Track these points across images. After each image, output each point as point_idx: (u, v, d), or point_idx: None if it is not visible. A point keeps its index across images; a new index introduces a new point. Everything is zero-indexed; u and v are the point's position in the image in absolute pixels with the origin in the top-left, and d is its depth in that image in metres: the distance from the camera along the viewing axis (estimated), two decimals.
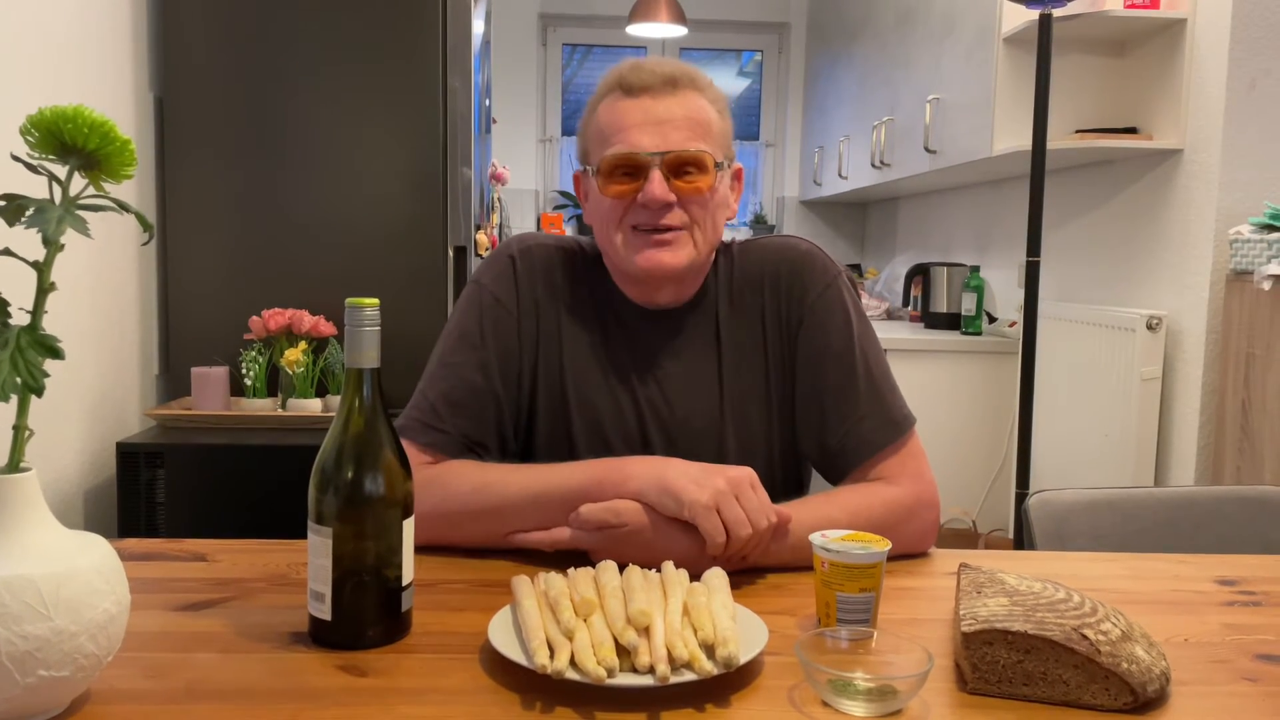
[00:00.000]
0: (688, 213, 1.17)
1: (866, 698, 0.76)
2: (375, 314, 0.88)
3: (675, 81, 1.17)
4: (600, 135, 1.19)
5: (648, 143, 1.15)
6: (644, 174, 1.15)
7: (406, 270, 2.37)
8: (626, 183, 1.16)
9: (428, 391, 1.21)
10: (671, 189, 1.15)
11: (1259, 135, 2.44)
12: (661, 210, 1.15)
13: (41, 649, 0.68)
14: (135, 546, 1.13)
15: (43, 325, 0.73)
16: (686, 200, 1.16)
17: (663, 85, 1.16)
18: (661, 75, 1.17)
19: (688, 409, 1.23)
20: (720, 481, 1.00)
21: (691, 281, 1.24)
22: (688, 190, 1.16)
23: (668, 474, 1.03)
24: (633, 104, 1.17)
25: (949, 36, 3.40)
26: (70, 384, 1.99)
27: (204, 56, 2.31)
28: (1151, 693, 0.78)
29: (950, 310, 3.82)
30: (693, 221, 1.17)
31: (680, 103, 1.16)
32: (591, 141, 1.21)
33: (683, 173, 1.16)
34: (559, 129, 5.64)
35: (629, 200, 1.16)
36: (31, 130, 0.73)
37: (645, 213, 1.16)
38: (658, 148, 1.15)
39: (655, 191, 1.14)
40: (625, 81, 1.17)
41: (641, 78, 1.17)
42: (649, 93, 1.16)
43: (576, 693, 0.78)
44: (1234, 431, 2.36)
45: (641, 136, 1.15)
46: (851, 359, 1.21)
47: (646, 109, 1.16)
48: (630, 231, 1.18)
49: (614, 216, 1.18)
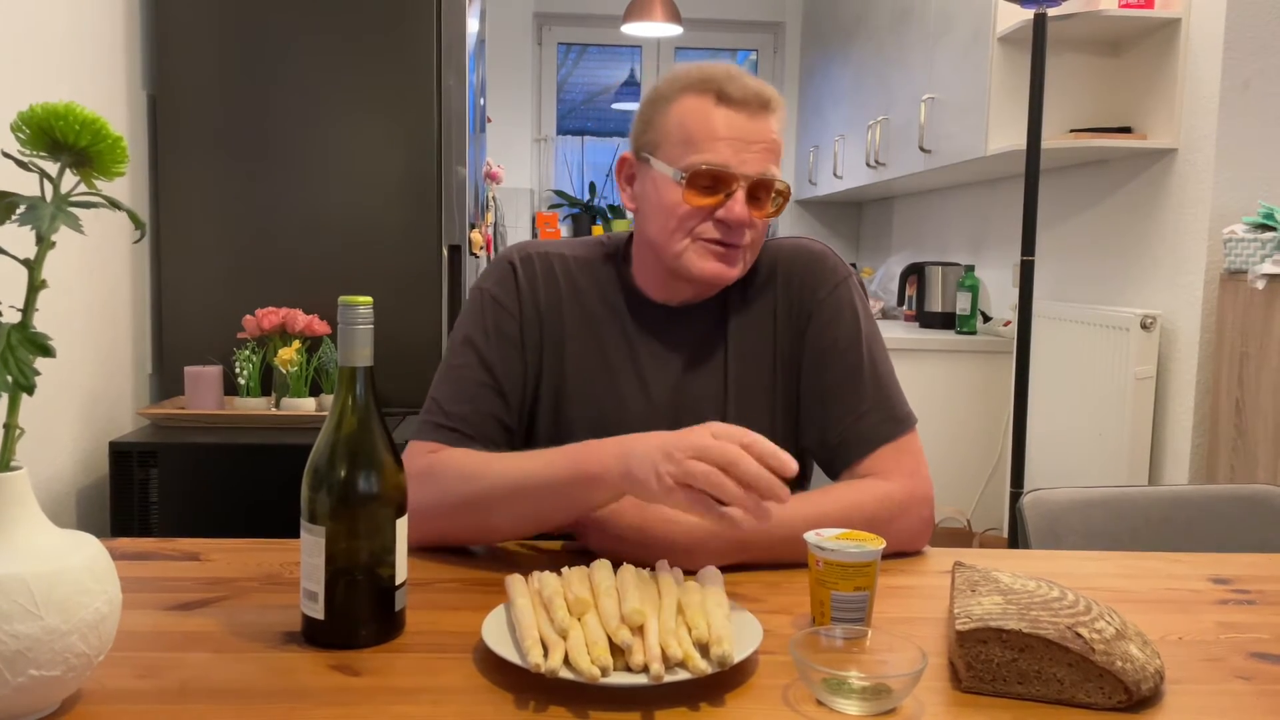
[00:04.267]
0: (754, 232, 1.20)
1: (861, 696, 0.76)
2: (369, 312, 0.88)
3: (768, 104, 1.18)
4: (686, 136, 1.17)
5: (739, 163, 1.15)
6: (726, 189, 1.16)
7: (400, 269, 2.37)
8: (708, 195, 1.17)
9: (436, 396, 1.22)
10: (749, 209, 1.17)
11: (1253, 135, 2.44)
12: (739, 230, 1.17)
13: (32, 648, 0.68)
14: (128, 546, 1.12)
15: (34, 323, 0.72)
16: (756, 223, 1.19)
17: (758, 104, 1.17)
18: (757, 93, 1.17)
19: (692, 401, 1.24)
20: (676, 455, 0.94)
21: None
22: (760, 213, 1.18)
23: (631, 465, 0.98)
24: (728, 116, 1.16)
25: (944, 36, 3.41)
26: (63, 383, 1.98)
27: (197, 55, 2.31)
28: (1146, 691, 0.78)
29: (945, 309, 3.82)
30: (753, 241, 1.21)
31: (769, 126, 1.18)
32: (669, 138, 1.19)
33: (761, 199, 1.18)
34: (554, 128, 5.63)
35: (706, 211, 1.17)
36: (22, 127, 0.72)
37: (722, 228, 1.17)
38: (747, 170, 1.16)
39: (738, 212, 1.16)
40: (722, 90, 1.16)
41: (740, 91, 1.16)
42: (746, 109, 1.16)
43: (570, 692, 0.77)
44: (1228, 430, 2.36)
45: (733, 153, 1.15)
46: (858, 356, 1.23)
47: (740, 126, 1.16)
48: (697, 240, 1.19)
49: (685, 223, 1.19)
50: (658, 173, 1.20)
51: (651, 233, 1.22)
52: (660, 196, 1.19)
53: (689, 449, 0.95)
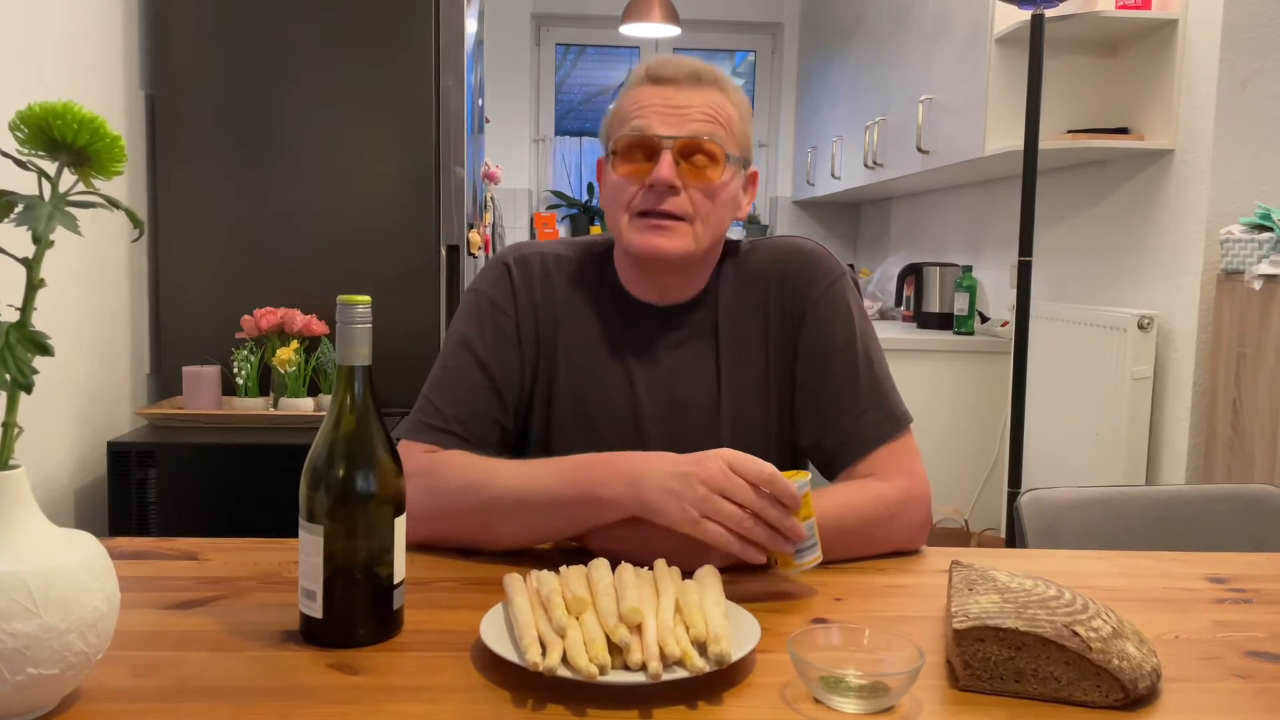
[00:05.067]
0: (692, 201, 1.17)
1: (858, 694, 0.76)
2: (367, 311, 0.88)
3: (699, 77, 1.19)
4: (620, 117, 1.21)
5: (663, 126, 1.16)
6: (656, 156, 1.16)
7: (399, 269, 2.37)
8: (638, 164, 1.17)
9: (429, 395, 1.22)
10: (680, 174, 1.16)
11: (1250, 135, 2.45)
12: (666, 192, 1.16)
13: (30, 647, 0.68)
14: (126, 545, 1.12)
15: (32, 322, 0.72)
16: (692, 187, 1.17)
17: (687, 78, 1.19)
18: (688, 69, 1.19)
19: (684, 401, 1.23)
20: (699, 489, 0.98)
21: (695, 278, 1.25)
22: (695, 178, 1.17)
23: (646, 493, 1.01)
24: (655, 90, 1.19)
25: (941, 37, 3.41)
26: (61, 383, 1.98)
27: (196, 54, 2.31)
28: (1142, 689, 0.78)
29: (943, 310, 3.83)
30: (696, 212, 1.18)
31: (702, 95, 1.18)
32: (612, 125, 1.23)
33: (693, 160, 1.17)
34: (552, 129, 5.63)
35: (638, 182, 1.17)
36: (21, 126, 0.72)
37: (652, 195, 1.16)
38: (672, 131, 1.16)
39: (663, 173, 1.15)
40: (652, 71, 1.20)
41: (668, 70, 1.19)
42: (673, 84, 1.19)
43: (568, 690, 0.77)
44: (1225, 430, 2.37)
45: (658, 119, 1.17)
46: (853, 355, 1.22)
47: (668, 96, 1.18)
48: (635, 216, 1.19)
49: (623, 199, 1.19)
50: (606, 160, 1.23)
51: (609, 223, 1.24)
52: (606, 180, 1.23)
53: (710, 484, 0.97)
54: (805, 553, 0.99)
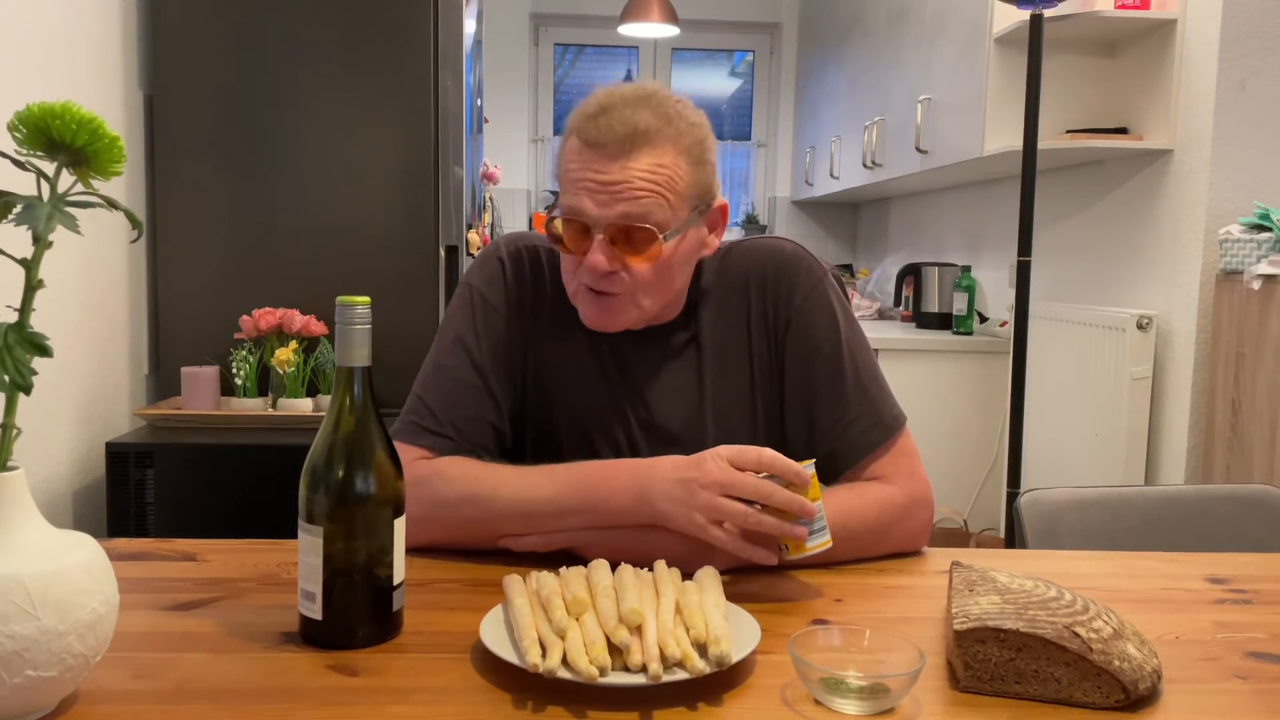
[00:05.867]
0: (632, 278, 1.12)
1: (859, 696, 0.76)
2: (366, 312, 0.88)
3: (634, 140, 1.08)
4: (562, 177, 1.15)
5: (593, 206, 1.10)
6: (588, 236, 1.11)
7: (398, 269, 2.37)
8: (576, 240, 1.13)
9: (422, 395, 1.20)
10: (617, 254, 1.11)
11: (1248, 135, 2.45)
12: (602, 278, 1.12)
13: (29, 649, 0.68)
14: (124, 546, 1.12)
15: (31, 323, 0.72)
16: (631, 267, 1.12)
17: (619, 145, 1.08)
18: (621, 132, 1.08)
19: (669, 411, 1.22)
20: (702, 495, 0.98)
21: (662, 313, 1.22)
22: (633, 256, 1.11)
23: (655, 504, 1.02)
24: (588, 157, 1.10)
25: (940, 37, 3.41)
26: (59, 384, 1.98)
27: (194, 55, 2.31)
28: (1143, 690, 0.78)
29: (942, 310, 3.83)
30: (637, 286, 1.13)
31: (637, 164, 1.08)
32: (559, 176, 1.17)
33: (630, 239, 1.10)
34: (551, 129, 5.63)
35: (580, 259, 1.14)
36: (19, 126, 0.72)
37: (588, 275, 1.13)
38: (602, 213, 1.09)
39: (594, 259, 1.10)
40: (584, 131, 1.11)
41: (600, 133, 1.09)
42: (604, 151, 1.09)
43: (568, 692, 0.77)
44: (1223, 430, 2.37)
45: (588, 199, 1.10)
46: (840, 361, 1.21)
47: (599, 169, 1.09)
48: (581, 287, 1.15)
49: (569, 268, 1.17)
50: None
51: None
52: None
53: (713, 485, 0.97)
54: (816, 535, 0.99)
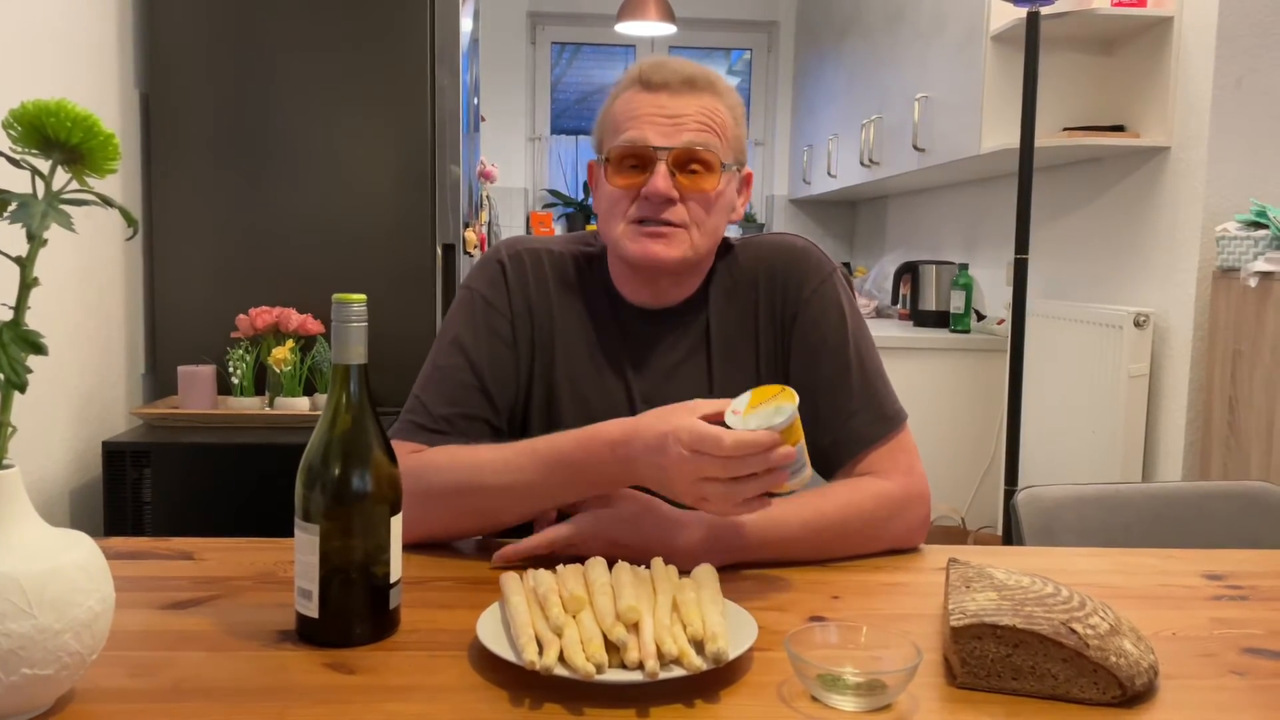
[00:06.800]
0: (688, 210, 1.17)
1: (855, 692, 0.76)
2: (362, 309, 0.87)
3: (693, 82, 1.17)
4: (614, 125, 1.19)
5: (657, 136, 1.15)
6: (650, 167, 1.15)
7: (394, 268, 2.37)
8: (632, 175, 1.17)
9: (421, 396, 1.20)
10: (675, 184, 1.15)
11: (1245, 133, 2.45)
12: (663, 204, 1.16)
13: (25, 647, 0.68)
14: (121, 545, 1.12)
15: (26, 321, 0.72)
16: (689, 197, 1.17)
17: (681, 84, 1.17)
18: (681, 75, 1.17)
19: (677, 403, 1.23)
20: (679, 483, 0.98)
21: (689, 281, 1.24)
22: (691, 187, 1.16)
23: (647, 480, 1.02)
24: (649, 98, 1.17)
25: (937, 35, 3.41)
26: (55, 383, 1.98)
27: (190, 53, 2.30)
28: (1140, 686, 0.78)
29: (939, 308, 3.83)
30: (692, 220, 1.17)
31: (696, 102, 1.17)
32: (605, 131, 1.21)
33: (689, 170, 1.16)
34: (548, 127, 5.63)
35: (634, 193, 1.17)
36: (14, 124, 0.72)
37: (648, 205, 1.16)
38: (666, 142, 1.15)
39: (659, 185, 1.14)
40: (645, 77, 1.18)
41: (662, 75, 1.17)
42: (667, 90, 1.17)
43: (565, 689, 0.77)
44: (1220, 428, 2.37)
45: (652, 130, 1.15)
46: (845, 354, 1.22)
47: (661, 104, 1.16)
48: (631, 224, 1.18)
49: (619, 208, 1.19)
50: (601, 168, 1.22)
51: (602, 229, 1.23)
52: (600, 188, 1.22)
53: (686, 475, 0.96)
54: (796, 474, 0.98)
